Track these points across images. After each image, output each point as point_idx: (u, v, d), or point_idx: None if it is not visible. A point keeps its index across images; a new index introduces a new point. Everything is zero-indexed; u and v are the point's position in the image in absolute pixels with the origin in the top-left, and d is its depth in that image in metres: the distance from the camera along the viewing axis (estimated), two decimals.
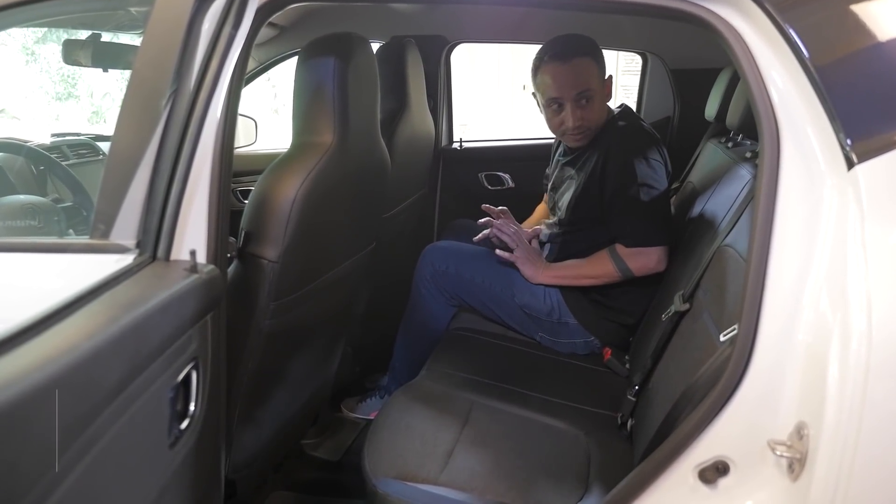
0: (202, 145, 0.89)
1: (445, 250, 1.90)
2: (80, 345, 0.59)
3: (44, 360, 0.55)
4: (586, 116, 1.73)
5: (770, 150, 0.84)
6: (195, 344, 0.83)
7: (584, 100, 1.71)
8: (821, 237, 0.81)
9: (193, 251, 0.87)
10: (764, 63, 0.86)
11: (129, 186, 0.90)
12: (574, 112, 1.72)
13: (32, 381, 0.52)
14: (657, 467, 0.91)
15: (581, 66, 1.70)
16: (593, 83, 1.71)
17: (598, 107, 1.74)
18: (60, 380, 0.55)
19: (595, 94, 1.71)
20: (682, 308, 1.34)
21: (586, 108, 1.72)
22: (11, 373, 0.51)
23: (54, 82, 9.12)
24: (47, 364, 0.55)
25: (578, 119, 1.72)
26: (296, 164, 1.22)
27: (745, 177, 1.46)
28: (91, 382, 0.61)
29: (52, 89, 9.16)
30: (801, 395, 0.82)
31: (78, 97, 9.33)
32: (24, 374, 0.52)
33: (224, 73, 0.89)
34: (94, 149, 2.26)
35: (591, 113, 1.73)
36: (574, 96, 1.70)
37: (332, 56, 1.23)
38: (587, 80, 1.70)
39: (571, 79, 1.69)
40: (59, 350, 0.57)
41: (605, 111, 1.80)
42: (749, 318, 0.84)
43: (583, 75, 1.70)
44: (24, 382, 0.51)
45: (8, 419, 0.50)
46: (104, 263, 0.85)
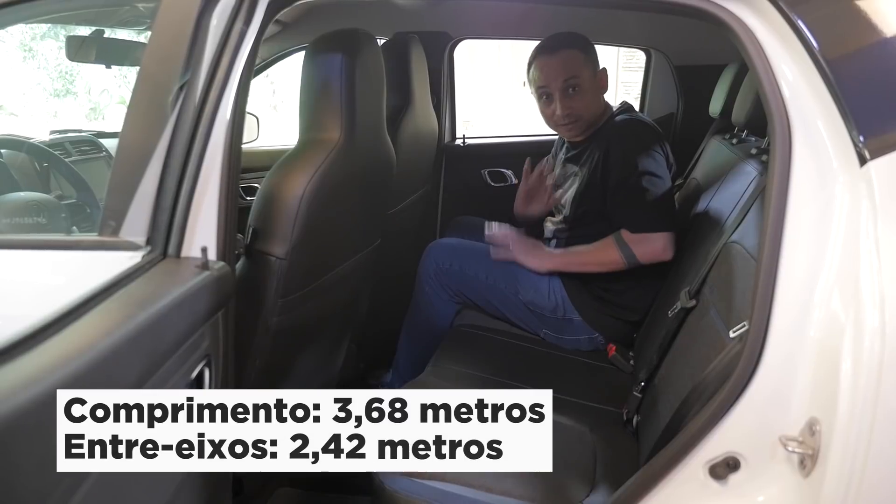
0: (213, 141, 0.89)
1: (449, 247, 1.90)
2: (98, 343, 0.59)
3: (65, 359, 0.55)
4: (574, 105, 1.76)
5: (781, 147, 0.84)
6: (207, 341, 0.83)
7: (570, 88, 1.75)
8: (832, 234, 0.81)
9: (205, 248, 0.87)
10: (774, 57, 0.86)
11: (140, 183, 0.90)
12: (562, 101, 1.76)
13: (54, 379, 0.52)
14: (667, 463, 0.91)
15: (567, 57, 1.75)
16: (580, 73, 1.75)
17: (588, 97, 1.77)
18: (81, 378, 0.55)
19: (583, 84, 1.75)
20: (688, 304, 1.34)
21: (574, 98, 1.75)
22: (33, 372, 0.51)
23: (52, 79, 9.10)
24: (69, 362, 0.55)
25: (567, 108, 1.76)
26: (303, 161, 1.22)
27: (752, 173, 1.46)
28: (110, 381, 0.61)
29: (49, 86, 9.13)
30: (813, 392, 0.82)
31: (76, 94, 9.31)
32: (45, 373, 0.52)
33: (235, 69, 0.89)
34: (96, 145, 2.25)
35: (579, 102, 1.76)
36: (561, 85, 1.74)
37: (340, 52, 1.23)
38: (573, 69, 1.74)
39: (558, 68, 1.74)
40: (78, 348, 0.57)
41: (600, 104, 1.82)
42: (760, 315, 0.84)
43: (569, 65, 1.74)
44: (46, 381, 0.51)
45: (36, 417, 0.50)
46: (115, 261, 0.85)
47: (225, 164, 0.92)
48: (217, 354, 0.87)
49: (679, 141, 2.46)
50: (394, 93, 1.96)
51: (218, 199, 0.92)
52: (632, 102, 1.88)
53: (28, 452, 0.52)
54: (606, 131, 1.77)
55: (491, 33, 2.93)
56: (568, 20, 1.88)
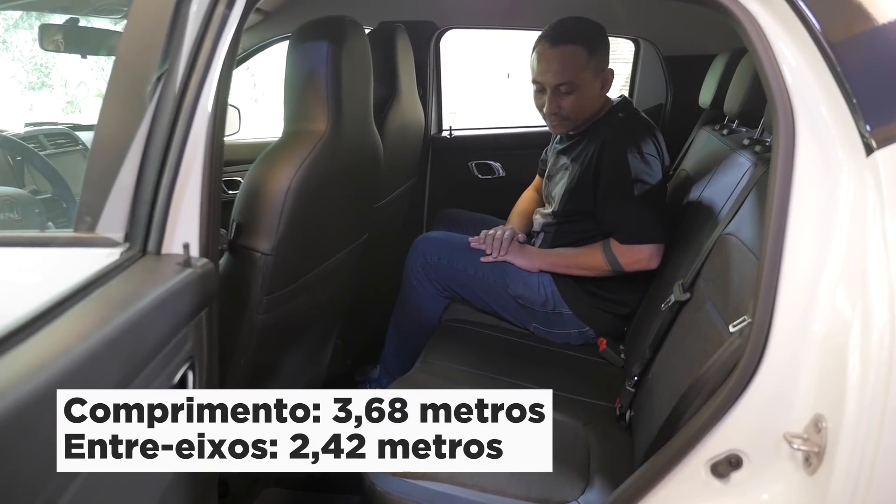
0: (194, 132, 0.84)
1: (436, 241, 1.87)
2: (73, 348, 0.55)
3: (37, 367, 0.51)
4: (564, 107, 1.70)
5: (785, 135, 0.81)
6: (191, 342, 0.79)
7: (563, 91, 1.68)
8: (838, 225, 0.79)
9: (187, 244, 0.83)
10: (776, 41, 0.82)
11: (117, 176, 0.85)
12: (552, 100, 1.70)
13: (26, 389, 0.48)
14: (668, 462, 0.89)
15: (567, 55, 1.66)
16: (577, 75, 1.67)
17: (582, 99, 1.71)
18: (54, 387, 0.51)
19: (579, 87, 1.68)
20: (682, 298, 1.32)
21: (564, 99, 1.69)
22: (5, 380, 0.47)
23: (27, 71, 8.91)
24: (41, 370, 0.50)
25: (555, 107, 1.71)
26: (289, 153, 1.18)
27: (745, 164, 1.45)
28: (87, 387, 0.57)
29: (24, 78, 8.94)
30: (818, 388, 0.80)
31: (52, 86, 9.12)
32: (17, 382, 0.48)
33: (217, 56, 0.84)
34: (72, 138, 2.18)
35: (571, 104, 1.70)
36: (554, 85, 1.68)
37: (326, 39, 1.19)
38: (571, 71, 1.66)
39: (554, 66, 1.67)
40: (51, 354, 0.53)
41: (595, 103, 1.76)
42: (764, 310, 0.82)
43: (567, 65, 1.66)
44: (16, 392, 0.47)
45: (6, 429, 0.46)
46: (91, 258, 0.81)
47: (207, 157, 0.88)
48: (201, 356, 0.83)
49: (668, 132, 2.42)
50: (379, 84, 1.92)
51: (200, 192, 0.88)
52: (612, 94, 1.83)
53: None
54: (603, 128, 1.74)
55: (478, 23, 2.90)
56: (557, 9, 1.84)
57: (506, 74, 9.84)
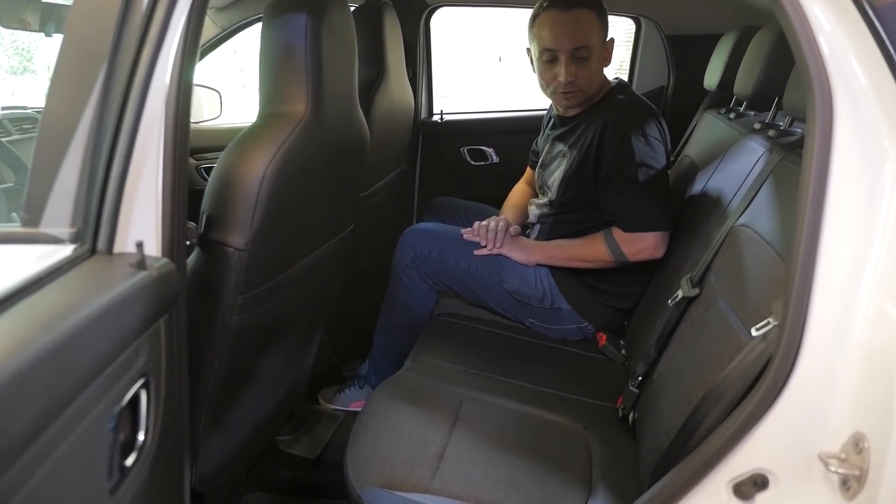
0: (147, 114, 0.74)
1: (427, 233, 1.77)
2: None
3: None
4: (580, 74, 1.60)
5: (822, 117, 0.71)
6: (144, 356, 0.69)
7: (579, 56, 1.57)
8: (881, 220, 0.70)
9: (140, 243, 0.73)
10: (810, 7, 0.72)
11: (62, 165, 0.75)
12: (568, 67, 1.58)
13: None
14: (687, 481, 0.80)
15: (582, 18, 1.56)
16: (592, 40, 1.57)
17: (594, 67, 1.61)
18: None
19: (593, 53, 1.58)
20: (691, 293, 1.24)
21: (581, 66, 1.59)
22: None
23: (8, 56, 8.70)
24: None
25: (572, 75, 1.59)
26: (264, 138, 1.07)
27: (757, 150, 1.36)
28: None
29: (6, 63, 8.73)
30: (857, 402, 0.71)
31: (34, 71, 8.91)
32: None
33: (172, 25, 0.73)
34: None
35: (586, 72, 1.60)
36: (570, 49, 1.57)
37: (304, 12, 1.07)
38: (587, 34, 1.57)
39: (570, 30, 1.56)
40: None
41: (601, 77, 1.67)
42: (796, 314, 0.72)
43: (583, 28, 1.56)
44: None
45: None
46: (34, 257, 0.71)
47: (168, 142, 0.77)
48: (158, 372, 0.73)
49: (669, 116, 2.34)
50: (365, 64, 1.80)
51: (160, 182, 0.78)
52: (609, 76, 1.73)
53: None
54: (601, 111, 1.64)
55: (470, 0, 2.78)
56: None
57: (497, 58, 9.70)
